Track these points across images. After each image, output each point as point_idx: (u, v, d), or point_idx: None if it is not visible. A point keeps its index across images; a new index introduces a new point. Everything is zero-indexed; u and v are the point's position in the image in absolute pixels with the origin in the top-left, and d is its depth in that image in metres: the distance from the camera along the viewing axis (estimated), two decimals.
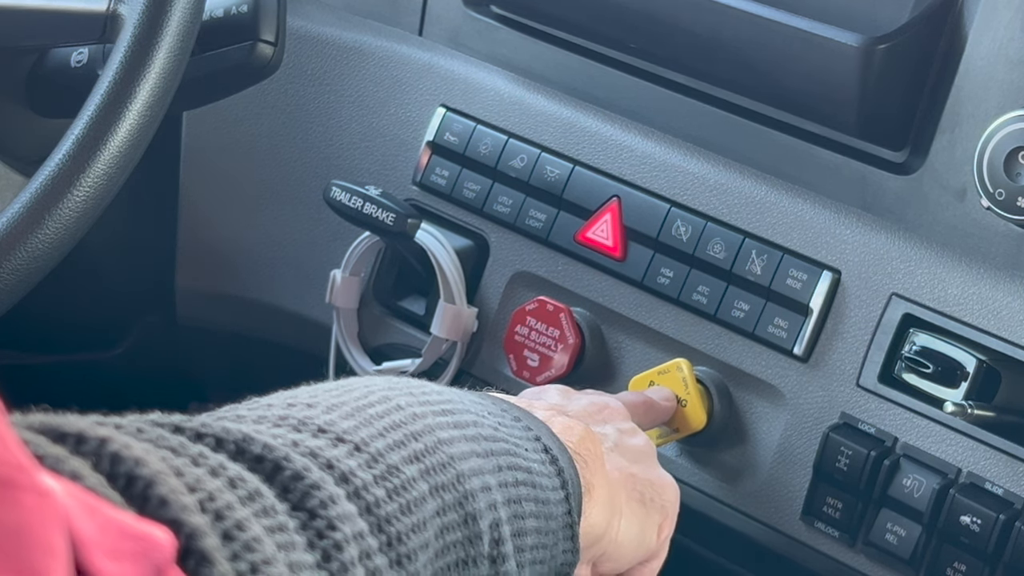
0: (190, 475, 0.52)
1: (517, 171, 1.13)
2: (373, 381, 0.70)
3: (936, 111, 0.98)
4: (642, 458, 0.86)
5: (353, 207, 1.13)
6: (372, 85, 1.24)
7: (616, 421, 0.89)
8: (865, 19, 0.99)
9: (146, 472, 0.49)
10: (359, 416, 0.64)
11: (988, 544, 0.90)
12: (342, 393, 0.66)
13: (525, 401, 0.83)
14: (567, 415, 0.83)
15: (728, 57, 1.04)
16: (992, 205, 0.93)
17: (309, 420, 0.62)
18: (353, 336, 1.21)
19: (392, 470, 0.62)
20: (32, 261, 0.92)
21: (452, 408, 0.71)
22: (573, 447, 0.79)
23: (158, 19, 0.95)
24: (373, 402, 0.66)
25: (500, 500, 0.68)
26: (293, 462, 0.57)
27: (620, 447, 0.85)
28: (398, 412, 0.66)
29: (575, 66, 1.16)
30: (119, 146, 0.94)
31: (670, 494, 0.86)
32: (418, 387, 0.71)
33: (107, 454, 0.49)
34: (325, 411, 0.63)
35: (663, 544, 0.86)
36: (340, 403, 0.65)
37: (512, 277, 1.15)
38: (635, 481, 0.84)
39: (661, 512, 0.85)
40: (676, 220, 1.06)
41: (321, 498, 0.56)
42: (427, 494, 0.63)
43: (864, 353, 0.98)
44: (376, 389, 0.68)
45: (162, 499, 0.49)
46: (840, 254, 1.00)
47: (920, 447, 0.95)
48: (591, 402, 0.90)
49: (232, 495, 0.52)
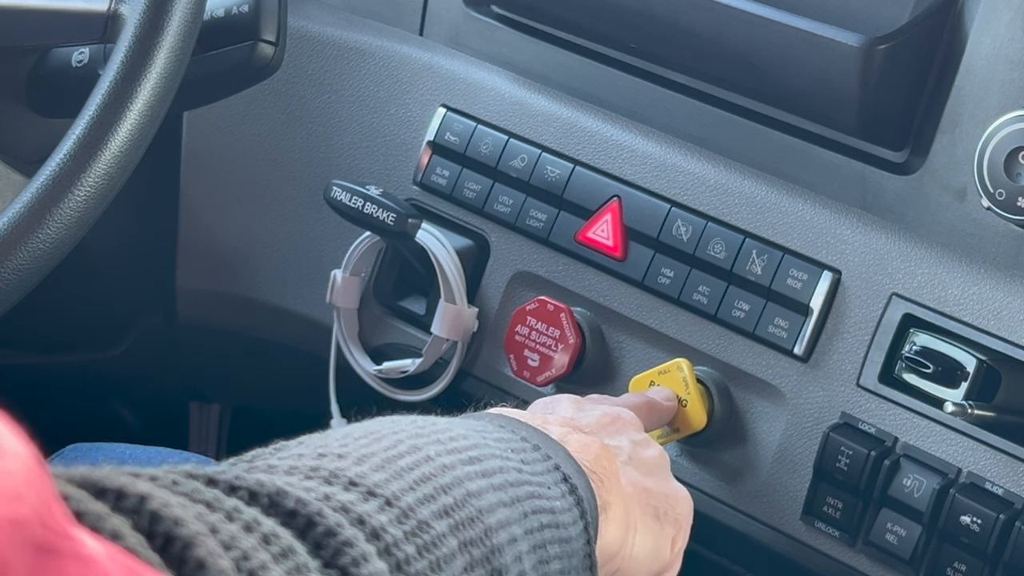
0: (225, 532, 0.52)
1: (518, 171, 1.13)
2: (401, 426, 0.70)
3: (936, 111, 0.98)
4: (656, 471, 0.86)
5: (354, 207, 1.13)
6: (373, 85, 1.24)
7: (629, 432, 0.88)
8: (865, 19, 0.99)
9: (184, 533, 0.50)
10: (390, 468, 0.64)
11: (988, 544, 0.90)
12: (371, 442, 0.67)
13: (540, 418, 0.83)
14: (582, 431, 0.83)
15: (728, 57, 1.04)
16: (992, 205, 0.93)
17: (340, 472, 0.62)
18: (353, 336, 1.21)
19: (422, 526, 0.62)
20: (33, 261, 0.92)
21: (479, 455, 0.71)
22: (589, 466, 0.79)
23: (159, 19, 0.95)
24: (403, 452, 0.67)
25: (525, 549, 0.69)
26: (326, 518, 0.57)
27: (634, 460, 0.85)
28: (427, 463, 0.67)
29: (575, 66, 1.16)
30: (120, 146, 0.94)
31: (683, 507, 0.86)
32: (445, 431, 0.72)
33: (146, 512, 0.50)
34: (356, 462, 0.64)
35: (677, 556, 0.86)
36: (370, 453, 0.65)
37: (512, 277, 1.15)
38: (649, 495, 0.83)
39: (675, 525, 0.85)
40: (676, 220, 1.06)
41: (353, 556, 0.57)
42: (456, 550, 0.64)
43: (864, 353, 0.98)
44: (405, 437, 0.68)
45: (200, 562, 0.49)
46: (840, 254, 1.00)
47: (920, 447, 0.95)
48: (604, 413, 0.89)
49: (266, 553, 0.53)
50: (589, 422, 0.87)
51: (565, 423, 0.83)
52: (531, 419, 0.81)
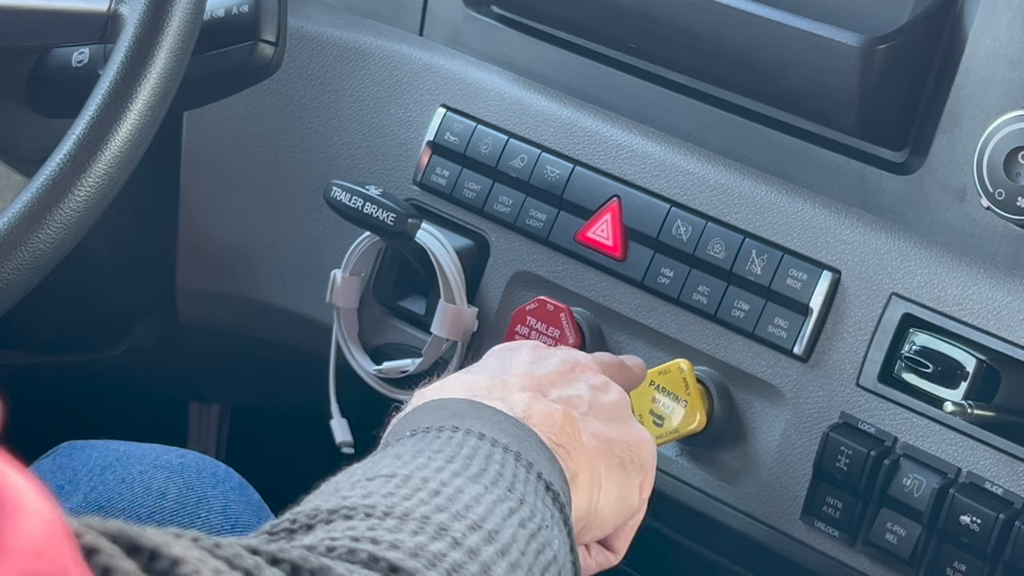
0: None
1: (517, 171, 1.13)
2: (413, 489, 0.68)
3: (936, 111, 0.98)
4: (617, 415, 0.87)
5: (353, 207, 1.13)
6: (373, 85, 1.24)
7: (587, 377, 0.89)
8: (865, 19, 0.99)
9: None
10: (423, 556, 0.63)
11: (988, 544, 0.90)
12: (400, 523, 0.65)
13: (500, 389, 0.82)
14: (542, 391, 0.83)
15: (728, 57, 1.04)
16: (992, 205, 0.93)
17: (379, 555, 0.61)
18: (353, 336, 1.21)
19: None
20: (33, 261, 0.92)
21: (495, 528, 0.69)
22: (555, 439, 0.79)
23: (159, 19, 0.95)
24: (432, 536, 0.65)
25: None
26: None
27: (595, 408, 0.86)
28: (456, 550, 0.65)
29: (575, 66, 1.16)
30: (120, 146, 0.94)
31: (647, 451, 0.87)
32: (458, 497, 0.69)
33: None
34: (389, 548, 0.62)
35: (644, 501, 0.87)
36: (402, 540, 0.63)
37: (512, 277, 1.15)
38: (613, 445, 0.84)
39: (640, 471, 0.86)
40: (676, 220, 1.06)
41: None
42: None
43: (864, 353, 0.98)
44: (430, 513, 0.67)
45: None
46: (840, 254, 1.00)
47: (920, 447, 0.95)
48: (562, 360, 0.89)
49: None
50: (547, 372, 0.87)
51: (525, 384, 0.83)
52: (491, 392, 0.81)
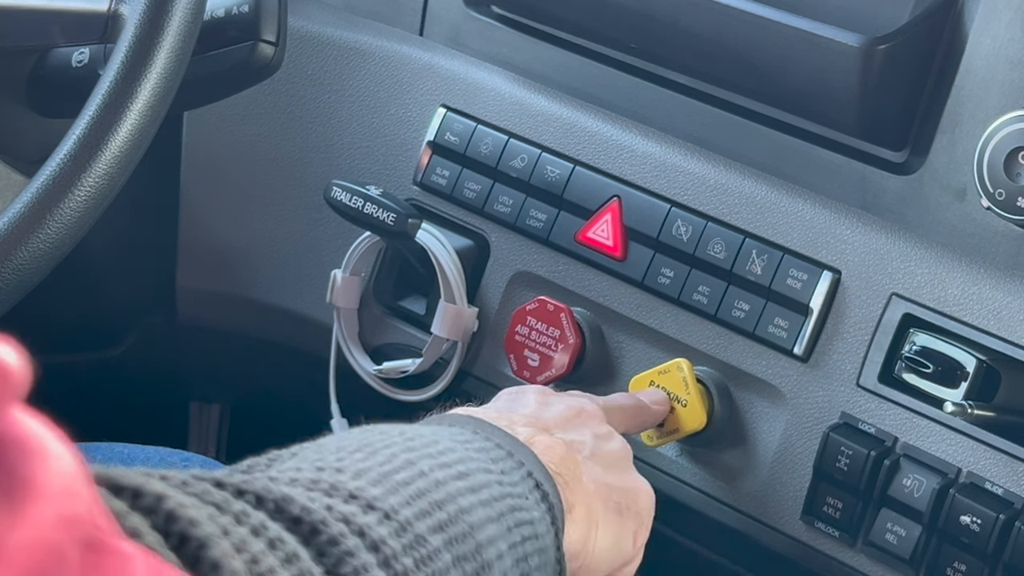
0: (235, 535, 0.53)
1: (517, 171, 1.13)
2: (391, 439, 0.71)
3: (936, 111, 0.98)
4: (617, 463, 0.87)
5: (354, 207, 1.13)
6: (373, 85, 1.24)
7: (592, 425, 0.89)
8: (865, 19, 0.99)
9: (199, 533, 0.51)
10: (387, 483, 0.65)
11: (988, 544, 0.90)
12: (367, 456, 0.68)
13: (505, 418, 0.83)
14: (547, 431, 0.84)
15: (728, 57, 1.04)
16: (992, 205, 0.93)
17: (340, 485, 0.63)
18: (354, 336, 1.21)
19: (419, 539, 0.63)
20: (33, 261, 0.92)
21: (467, 470, 0.72)
22: (555, 468, 0.80)
23: (159, 19, 0.95)
24: (398, 467, 0.68)
25: (510, 563, 0.70)
26: (329, 527, 0.58)
27: (596, 455, 0.86)
28: (422, 479, 0.68)
29: (575, 66, 1.16)
30: (120, 146, 0.94)
31: (645, 500, 0.87)
32: (434, 446, 0.73)
33: (163, 511, 0.51)
34: (353, 476, 0.64)
35: (639, 550, 0.87)
36: (367, 468, 0.66)
37: (512, 277, 1.15)
38: (611, 491, 0.84)
39: (636, 519, 0.86)
40: (676, 220, 1.06)
41: (355, 566, 0.57)
42: (450, 564, 0.65)
43: (864, 353, 0.98)
44: (398, 451, 0.69)
45: (214, 563, 0.50)
46: (840, 254, 1.00)
47: (920, 447, 0.95)
48: (568, 407, 0.90)
49: (273, 558, 0.54)
50: (552, 416, 0.88)
51: (530, 422, 0.84)
52: (497, 419, 0.82)
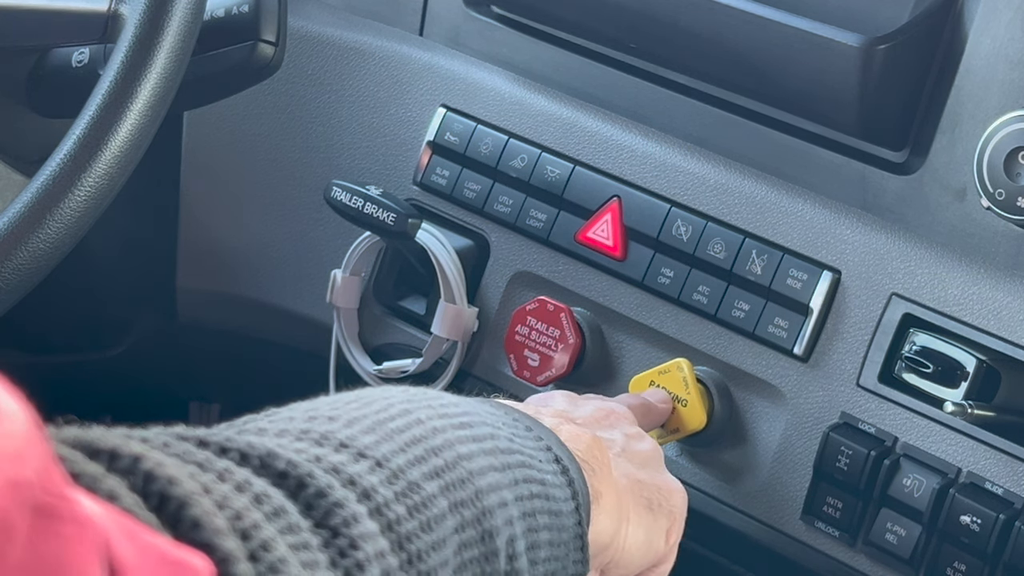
0: (217, 492, 0.52)
1: (517, 171, 1.13)
2: (391, 392, 0.70)
3: (936, 111, 0.98)
4: (649, 463, 0.86)
5: (354, 207, 1.13)
6: (373, 85, 1.24)
7: (623, 426, 0.89)
8: (865, 19, 0.99)
9: (179, 492, 0.50)
10: (380, 430, 0.64)
11: (988, 544, 0.90)
12: (362, 406, 0.66)
13: (532, 408, 0.83)
14: (574, 423, 0.83)
15: (728, 57, 1.04)
16: (992, 205, 0.93)
17: (331, 434, 0.62)
18: (354, 336, 1.21)
19: (413, 487, 0.62)
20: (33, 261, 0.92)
21: (470, 421, 0.70)
22: (581, 455, 0.79)
23: (159, 19, 0.95)
24: (394, 415, 0.66)
25: (516, 514, 0.69)
26: (317, 479, 0.57)
27: (627, 452, 0.85)
28: (418, 426, 0.66)
29: (575, 66, 1.16)
30: (120, 146, 0.94)
31: (677, 499, 0.86)
32: (436, 399, 0.71)
33: (141, 472, 0.50)
34: (346, 425, 0.63)
35: (671, 549, 0.86)
36: (361, 416, 0.65)
37: (512, 277, 1.15)
38: (642, 487, 0.84)
39: (668, 517, 0.85)
40: (676, 220, 1.06)
41: (344, 516, 0.56)
42: (447, 511, 0.63)
43: (864, 353, 0.98)
44: (396, 402, 0.68)
45: (195, 521, 0.49)
46: (840, 254, 1.00)
47: (920, 447, 0.95)
48: (597, 408, 0.90)
49: (258, 513, 0.53)
50: (582, 415, 0.87)
51: (558, 415, 0.84)
52: (524, 409, 0.81)
